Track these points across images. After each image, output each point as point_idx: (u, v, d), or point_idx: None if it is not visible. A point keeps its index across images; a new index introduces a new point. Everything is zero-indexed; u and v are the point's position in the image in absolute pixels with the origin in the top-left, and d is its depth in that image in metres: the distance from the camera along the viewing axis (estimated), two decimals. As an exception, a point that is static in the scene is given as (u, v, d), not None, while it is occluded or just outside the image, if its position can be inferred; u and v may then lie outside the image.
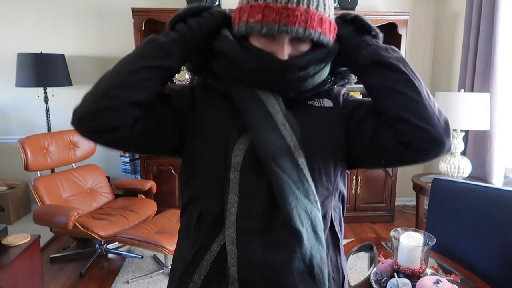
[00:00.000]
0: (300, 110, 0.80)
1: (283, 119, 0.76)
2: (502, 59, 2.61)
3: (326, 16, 0.74)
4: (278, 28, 0.70)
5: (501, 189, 1.77)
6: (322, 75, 0.80)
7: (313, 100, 0.83)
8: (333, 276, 0.81)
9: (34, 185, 2.59)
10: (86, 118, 0.73)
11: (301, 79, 0.76)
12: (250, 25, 0.73)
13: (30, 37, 3.40)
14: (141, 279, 2.49)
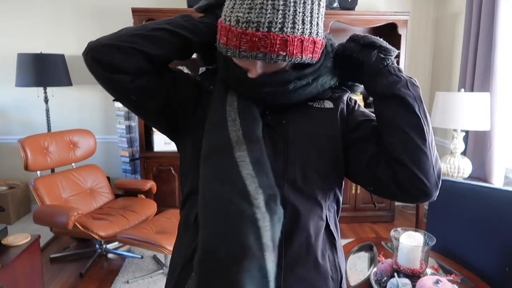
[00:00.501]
0: (298, 110, 0.81)
1: (236, 115, 0.76)
2: (502, 59, 2.61)
3: (295, 35, 0.70)
4: (238, 53, 0.71)
5: (501, 189, 1.78)
6: (305, 93, 0.79)
7: (314, 101, 0.83)
8: (331, 275, 0.82)
9: (34, 185, 2.59)
10: (96, 49, 0.76)
11: (275, 94, 0.76)
12: (219, 45, 0.75)
13: (30, 37, 3.40)
14: (141, 279, 2.49)
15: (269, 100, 0.79)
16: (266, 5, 0.67)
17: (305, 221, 0.78)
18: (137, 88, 0.79)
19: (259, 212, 0.69)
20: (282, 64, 0.75)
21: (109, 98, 3.54)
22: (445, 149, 3.48)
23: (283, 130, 0.79)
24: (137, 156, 3.36)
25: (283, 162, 0.77)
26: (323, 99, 0.84)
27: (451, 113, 2.58)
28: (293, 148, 0.78)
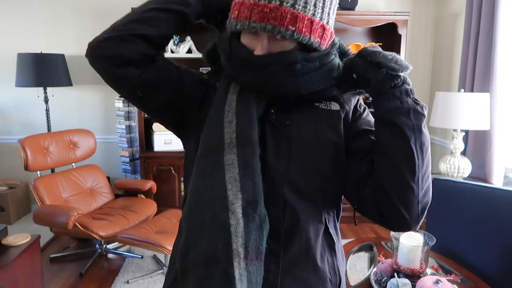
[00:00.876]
0: (304, 110, 0.80)
1: (233, 116, 0.75)
2: (502, 59, 2.61)
3: (305, 14, 0.70)
4: (248, 24, 0.71)
5: (501, 189, 1.78)
6: (303, 83, 0.75)
7: (320, 102, 0.81)
8: (330, 278, 0.81)
9: (34, 185, 2.59)
10: (97, 46, 0.79)
11: (281, 76, 0.73)
12: (230, 21, 0.75)
13: (30, 37, 3.40)
14: (141, 279, 2.49)
15: (274, 87, 0.75)
16: None
17: (304, 223, 0.77)
18: (143, 83, 0.78)
19: (233, 218, 0.68)
20: (289, 46, 0.73)
21: (109, 98, 3.54)
22: (445, 149, 3.48)
23: (287, 130, 0.78)
24: (137, 156, 3.36)
25: (285, 163, 0.76)
26: (330, 100, 0.82)
27: (451, 113, 2.58)
28: (296, 149, 0.77)
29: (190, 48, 3.32)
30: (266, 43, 0.73)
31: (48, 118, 3.33)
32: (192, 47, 3.32)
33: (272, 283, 0.74)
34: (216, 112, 0.77)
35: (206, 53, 0.87)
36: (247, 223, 0.69)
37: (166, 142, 3.32)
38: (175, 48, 3.28)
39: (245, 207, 0.69)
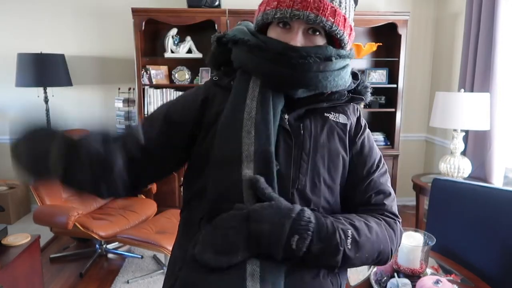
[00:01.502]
0: (316, 119, 0.82)
1: (252, 126, 0.75)
2: (502, 59, 2.61)
3: (341, 11, 0.76)
4: (291, 12, 0.72)
5: (501, 189, 1.77)
6: (331, 81, 0.78)
7: (330, 113, 0.84)
8: (331, 279, 0.82)
9: (34, 185, 2.59)
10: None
11: (301, 69, 0.74)
12: (266, 12, 0.76)
13: (30, 37, 3.40)
14: (141, 279, 2.49)
15: (307, 81, 0.76)
16: None
17: None
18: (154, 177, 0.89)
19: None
20: (321, 42, 0.77)
21: (109, 98, 3.54)
22: (445, 149, 3.48)
23: (299, 140, 0.79)
24: (137, 156, 3.35)
25: (295, 171, 0.78)
26: (338, 113, 0.85)
27: (451, 113, 2.58)
28: (307, 159, 0.79)
29: (190, 48, 3.32)
30: (301, 36, 0.75)
31: (48, 118, 3.32)
32: (192, 47, 3.32)
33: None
34: (233, 118, 0.77)
35: (210, 58, 0.87)
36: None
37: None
38: (175, 48, 3.28)
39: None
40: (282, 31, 0.77)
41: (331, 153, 0.81)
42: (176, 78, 3.34)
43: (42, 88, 3.24)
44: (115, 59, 3.52)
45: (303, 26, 0.75)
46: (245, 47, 0.79)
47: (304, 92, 0.80)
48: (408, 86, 3.74)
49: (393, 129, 3.46)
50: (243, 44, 0.79)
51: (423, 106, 3.83)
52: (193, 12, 3.14)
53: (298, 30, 0.75)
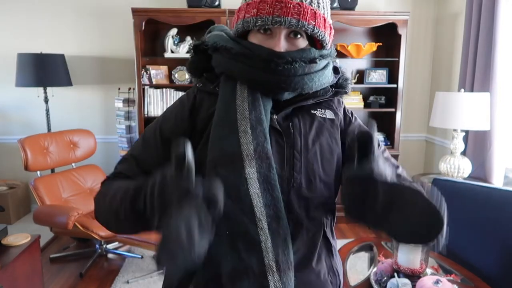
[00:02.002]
0: (304, 117, 0.82)
1: (247, 126, 0.75)
2: (502, 59, 2.61)
3: (320, 12, 0.76)
4: (272, 19, 0.72)
5: (501, 189, 1.78)
6: (316, 81, 0.79)
7: (316, 110, 0.84)
8: (330, 279, 0.83)
9: (34, 185, 2.59)
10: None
11: (287, 74, 0.75)
12: (247, 20, 0.76)
13: (30, 37, 3.40)
14: (141, 279, 2.49)
15: (293, 84, 0.76)
16: None
17: (306, 229, 0.79)
18: None
19: (263, 234, 0.70)
20: (303, 44, 0.78)
21: (109, 98, 3.54)
22: (445, 149, 3.48)
23: (291, 140, 0.79)
24: (137, 156, 3.35)
25: (289, 170, 0.78)
26: (324, 109, 0.85)
27: (451, 113, 2.58)
28: (300, 157, 0.79)
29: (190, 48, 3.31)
30: (284, 41, 0.75)
31: (48, 118, 3.33)
32: (192, 47, 3.32)
33: None
34: (226, 119, 0.76)
35: (189, 65, 0.86)
36: (273, 239, 0.71)
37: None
38: (175, 48, 3.28)
39: (270, 223, 0.71)
40: (263, 37, 0.77)
41: (323, 149, 0.81)
42: (176, 78, 3.34)
43: (42, 88, 3.24)
44: (115, 59, 3.52)
45: (284, 31, 0.75)
46: (228, 54, 0.79)
47: (290, 94, 0.80)
48: (408, 86, 3.74)
49: (393, 129, 3.46)
50: (226, 51, 0.79)
51: (423, 106, 3.83)
52: (193, 12, 3.14)
53: (280, 36, 0.75)
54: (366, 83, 3.48)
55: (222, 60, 0.80)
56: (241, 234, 0.71)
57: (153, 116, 3.34)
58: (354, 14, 3.23)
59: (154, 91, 3.32)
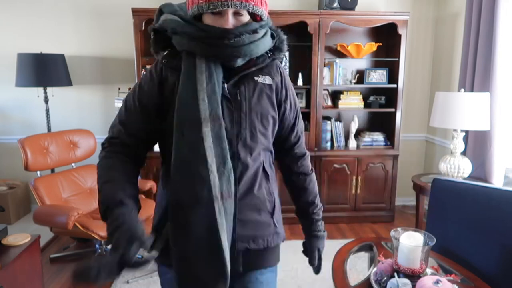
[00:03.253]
0: (248, 83, 1.06)
1: (204, 95, 0.98)
2: (502, 59, 2.61)
3: None
4: (220, 4, 0.93)
5: (501, 189, 1.77)
6: (260, 47, 1.02)
7: (258, 76, 1.07)
8: (268, 199, 1.14)
9: (34, 185, 2.59)
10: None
11: (238, 45, 0.97)
12: (200, 5, 0.96)
13: (30, 37, 3.40)
14: (141, 279, 2.49)
15: (243, 52, 0.98)
16: None
17: (251, 168, 1.07)
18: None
19: (212, 175, 0.96)
20: (245, 19, 0.99)
21: (109, 98, 3.55)
22: (445, 149, 3.48)
23: (238, 104, 1.03)
24: (137, 156, 3.35)
25: (237, 127, 1.03)
26: (265, 75, 1.08)
27: (451, 113, 2.58)
28: (245, 117, 1.04)
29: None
30: (231, 18, 0.97)
31: (48, 118, 3.33)
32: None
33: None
34: (189, 89, 0.99)
35: (154, 46, 1.07)
36: (220, 177, 0.98)
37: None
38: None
39: (218, 167, 0.98)
40: (215, 18, 0.97)
41: (262, 111, 1.07)
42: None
43: (42, 88, 3.24)
44: (115, 59, 3.52)
45: (231, 11, 0.96)
46: (188, 36, 0.99)
47: (241, 61, 1.02)
48: (408, 86, 3.74)
49: (393, 129, 3.46)
50: (185, 34, 0.99)
51: (423, 106, 3.83)
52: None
53: (228, 15, 0.96)
54: (366, 83, 3.48)
55: (182, 42, 1.01)
56: (197, 175, 0.96)
57: (153, 116, 3.34)
58: (354, 14, 3.23)
59: (154, 91, 3.31)
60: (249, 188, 1.08)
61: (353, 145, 3.54)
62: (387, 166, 3.45)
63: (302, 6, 3.57)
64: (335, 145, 3.58)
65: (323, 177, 3.40)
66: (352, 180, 3.44)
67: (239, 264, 1.09)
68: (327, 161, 3.38)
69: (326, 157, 3.38)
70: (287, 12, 3.19)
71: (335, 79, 3.43)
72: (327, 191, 3.43)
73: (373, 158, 3.43)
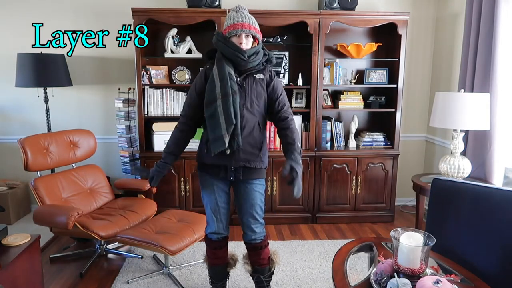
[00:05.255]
0: (249, 78, 1.91)
1: (230, 81, 1.83)
2: (502, 59, 2.61)
3: (256, 26, 1.90)
4: (240, 30, 1.85)
5: (501, 189, 1.77)
6: (258, 60, 1.91)
7: (256, 74, 1.93)
8: (259, 140, 1.96)
9: (34, 185, 2.59)
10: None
11: (248, 60, 1.86)
12: (229, 32, 1.87)
13: (30, 37, 3.39)
14: (141, 279, 2.49)
15: (249, 63, 1.87)
16: (247, 16, 1.88)
17: (250, 122, 1.90)
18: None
19: (223, 129, 1.82)
20: (250, 39, 1.88)
21: (109, 98, 3.55)
22: (445, 149, 3.48)
23: (244, 88, 1.89)
24: (137, 156, 3.36)
25: (244, 101, 1.88)
26: (260, 74, 1.94)
27: (451, 113, 2.58)
28: (248, 95, 1.89)
29: (190, 48, 3.32)
30: (246, 42, 1.86)
31: (48, 118, 3.33)
32: (192, 47, 3.32)
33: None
34: (215, 80, 1.84)
35: (206, 54, 2.01)
36: (229, 128, 1.82)
37: (166, 142, 3.32)
38: (175, 48, 3.28)
39: (229, 123, 1.82)
40: (236, 39, 1.86)
41: (258, 92, 1.92)
42: (176, 78, 3.34)
43: (42, 88, 3.24)
44: (115, 59, 3.53)
45: (244, 35, 1.85)
46: (222, 50, 1.89)
47: (247, 67, 1.88)
48: (408, 86, 3.74)
49: (393, 129, 3.46)
50: (221, 49, 1.89)
51: (423, 106, 3.83)
52: (193, 12, 3.14)
53: (243, 37, 1.85)
54: (366, 83, 3.48)
55: (220, 53, 1.90)
56: (217, 128, 1.82)
57: (153, 116, 3.35)
58: (354, 14, 3.23)
59: (154, 91, 3.32)
60: (249, 133, 1.90)
61: (353, 145, 3.54)
62: (387, 166, 3.45)
63: (302, 6, 3.57)
64: (335, 145, 3.58)
65: (323, 177, 3.40)
66: (352, 180, 3.44)
67: (240, 174, 1.94)
68: (327, 161, 3.38)
69: (326, 157, 3.38)
70: (287, 12, 3.19)
71: (335, 79, 3.43)
72: (327, 191, 3.43)
73: (373, 158, 3.43)
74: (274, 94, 1.94)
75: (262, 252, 2.07)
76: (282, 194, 3.38)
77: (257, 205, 2.00)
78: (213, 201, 1.99)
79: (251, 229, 2.02)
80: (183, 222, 2.53)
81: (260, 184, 2.01)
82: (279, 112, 1.95)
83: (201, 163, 2.01)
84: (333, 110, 3.56)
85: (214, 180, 1.98)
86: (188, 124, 1.96)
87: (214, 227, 2.03)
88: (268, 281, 2.13)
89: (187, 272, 2.60)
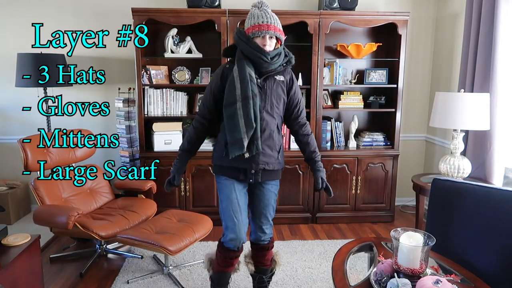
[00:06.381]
0: (270, 80, 1.87)
1: (251, 83, 1.77)
2: (502, 59, 2.61)
3: (279, 28, 1.81)
4: (265, 32, 1.77)
5: (501, 189, 1.77)
6: (280, 62, 1.86)
7: (276, 76, 1.89)
8: (277, 143, 1.94)
9: (34, 185, 2.59)
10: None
11: (271, 62, 1.81)
12: (253, 32, 1.78)
13: (30, 37, 3.39)
14: (141, 279, 2.49)
15: (271, 64, 1.82)
16: (271, 15, 1.80)
17: (270, 125, 1.88)
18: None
19: (243, 132, 1.77)
20: (274, 41, 1.80)
21: (109, 98, 3.54)
22: (445, 149, 3.48)
23: (265, 90, 1.85)
24: (137, 156, 3.36)
25: (264, 103, 1.85)
26: (281, 75, 1.90)
27: (451, 113, 2.58)
28: (268, 97, 1.86)
29: (190, 48, 3.31)
30: (269, 44, 1.79)
31: (48, 118, 3.33)
32: (192, 47, 3.32)
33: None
34: (235, 82, 1.78)
35: (224, 51, 1.98)
36: (249, 131, 1.77)
37: (166, 142, 3.32)
38: (175, 48, 3.28)
39: (249, 126, 1.77)
40: (260, 40, 1.78)
41: (278, 94, 1.89)
42: (176, 78, 3.34)
43: (42, 88, 3.24)
44: (115, 59, 3.52)
45: (268, 36, 1.77)
46: (244, 50, 1.81)
47: (268, 68, 1.83)
48: (408, 86, 3.74)
49: (393, 129, 3.46)
50: (243, 48, 1.82)
51: (423, 106, 3.83)
52: (193, 12, 3.14)
53: (266, 38, 1.77)
54: (366, 83, 3.48)
55: (241, 53, 1.82)
56: (236, 131, 1.77)
57: (153, 116, 3.34)
58: (354, 14, 3.23)
59: (154, 91, 3.32)
60: (269, 135, 1.88)
61: (353, 145, 3.54)
62: (387, 166, 3.45)
63: (302, 6, 3.57)
64: (335, 145, 3.58)
65: (323, 177, 3.39)
66: (352, 180, 3.44)
67: (259, 177, 1.92)
68: (327, 161, 3.38)
69: (326, 157, 3.38)
70: (287, 12, 3.19)
71: (335, 79, 3.43)
72: (327, 191, 3.43)
73: (373, 158, 3.43)
74: (296, 99, 1.94)
75: (268, 253, 2.06)
76: (282, 194, 3.38)
77: (271, 205, 2.00)
78: (234, 202, 1.88)
79: (262, 230, 2.00)
80: (183, 222, 2.53)
81: (275, 185, 2.01)
82: (298, 117, 1.96)
83: (219, 166, 1.94)
84: (333, 110, 3.56)
85: (233, 182, 1.91)
86: (203, 123, 1.93)
87: (236, 232, 1.87)
88: (269, 281, 2.13)
89: (187, 272, 2.60)
